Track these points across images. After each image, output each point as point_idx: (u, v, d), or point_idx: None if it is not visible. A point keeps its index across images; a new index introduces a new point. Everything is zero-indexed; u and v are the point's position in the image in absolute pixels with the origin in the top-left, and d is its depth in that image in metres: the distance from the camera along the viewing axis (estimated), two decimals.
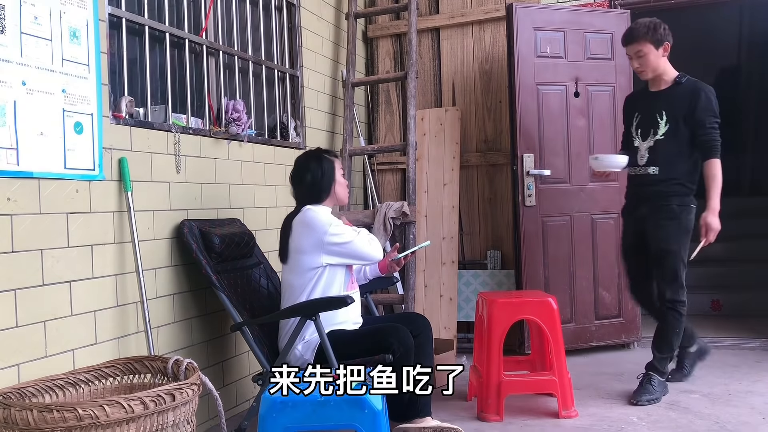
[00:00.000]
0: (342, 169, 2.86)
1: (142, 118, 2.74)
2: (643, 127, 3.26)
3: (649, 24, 3.18)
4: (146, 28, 2.77)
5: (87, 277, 2.35)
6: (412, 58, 4.12)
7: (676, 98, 3.18)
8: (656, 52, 3.19)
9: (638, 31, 3.18)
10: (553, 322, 3.00)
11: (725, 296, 5.12)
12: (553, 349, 2.99)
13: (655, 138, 3.19)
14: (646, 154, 3.23)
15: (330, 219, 2.65)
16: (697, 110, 3.10)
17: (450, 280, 4.19)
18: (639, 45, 3.18)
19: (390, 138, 4.71)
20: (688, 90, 3.17)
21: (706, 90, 3.15)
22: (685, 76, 3.23)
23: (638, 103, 3.37)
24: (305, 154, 2.86)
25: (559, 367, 2.98)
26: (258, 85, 3.61)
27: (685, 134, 3.14)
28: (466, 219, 4.52)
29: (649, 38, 3.16)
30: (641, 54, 3.19)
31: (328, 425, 2.01)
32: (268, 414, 2.02)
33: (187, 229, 2.72)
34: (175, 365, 2.18)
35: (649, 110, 3.24)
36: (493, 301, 3.04)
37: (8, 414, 1.76)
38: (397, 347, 2.45)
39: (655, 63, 3.21)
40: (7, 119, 2.06)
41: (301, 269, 2.63)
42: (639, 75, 3.30)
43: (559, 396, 2.97)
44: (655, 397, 3.11)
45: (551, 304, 3.02)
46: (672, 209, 3.15)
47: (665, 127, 3.17)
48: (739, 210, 6.28)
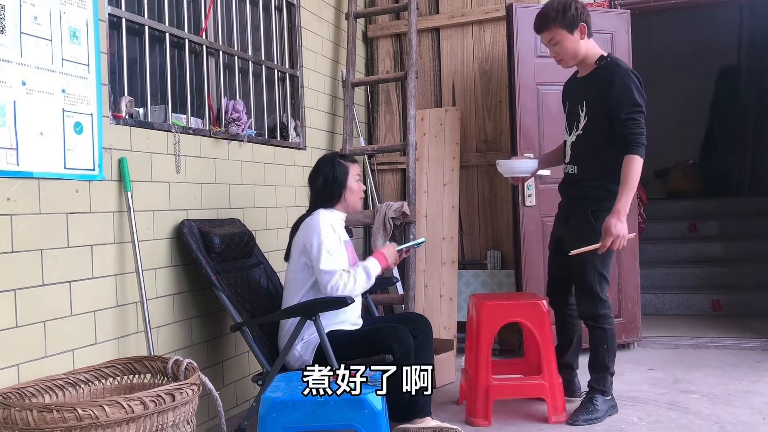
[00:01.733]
0: (358, 175, 2.82)
1: (142, 118, 2.74)
2: (569, 119, 2.97)
3: (557, 6, 2.80)
4: (146, 28, 2.77)
5: (87, 277, 2.35)
6: (412, 58, 4.12)
7: (594, 85, 2.82)
8: (571, 36, 2.81)
9: (546, 17, 2.82)
10: (543, 325, 2.92)
11: (725, 296, 5.11)
12: (543, 353, 2.91)
13: (576, 133, 2.89)
14: (569, 150, 2.95)
15: (328, 232, 2.62)
16: (611, 98, 2.72)
17: (450, 280, 4.19)
18: (550, 32, 2.83)
19: (390, 138, 4.71)
20: (603, 74, 2.79)
21: (620, 74, 2.74)
22: (605, 58, 2.85)
23: (568, 91, 3.05)
24: (321, 159, 2.87)
25: (549, 372, 2.91)
26: (258, 85, 3.61)
27: (605, 127, 2.78)
28: (466, 219, 4.52)
29: (559, 23, 2.79)
30: (555, 41, 2.84)
31: (328, 425, 2.01)
32: (268, 414, 2.02)
33: (186, 229, 2.72)
34: (175, 365, 2.18)
35: (574, 100, 2.93)
36: (482, 303, 2.98)
37: (8, 414, 1.76)
38: (397, 348, 2.45)
39: (573, 48, 2.83)
40: (7, 119, 2.06)
41: (300, 268, 2.65)
42: (559, 64, 2.96)
43: (549, 401, 2.91)
44: (596, 416, 2.88)
45: (541, 306, 2.94)
46: (585, 215, 2.85)
47: (584, 119, 2.84)
48: (739, 210, 6.30)
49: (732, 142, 7.43)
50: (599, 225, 2.77)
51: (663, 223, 6.17)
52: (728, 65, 7.53)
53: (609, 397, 2.98)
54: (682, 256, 5.80)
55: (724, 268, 5.48)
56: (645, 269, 4.93)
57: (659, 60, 7.27)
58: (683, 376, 3.56)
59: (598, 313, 2.92)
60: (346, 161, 2.81)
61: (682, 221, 6.21)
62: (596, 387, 2.96)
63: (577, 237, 2.88)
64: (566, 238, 2.97)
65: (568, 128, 2.97)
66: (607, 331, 2.93)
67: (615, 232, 2.67)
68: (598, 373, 2.97)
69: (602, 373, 2.96)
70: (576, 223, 2.93)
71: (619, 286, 4.09)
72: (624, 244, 2.72)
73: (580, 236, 2.86)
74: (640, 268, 4.21)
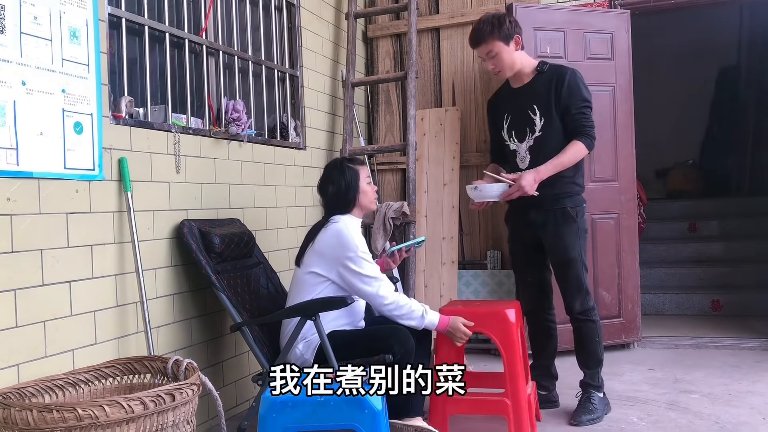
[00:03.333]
0: (368, 177, 2.79)
1: (142, 118, 2.74)
2: (516, 127, 3.00)
3: (493, 21, 2.91)
4: (146, 28, 2.77)
5: (87, 277, 2.35)
6: (412, 58, 4.12)
7: (542, 88, 2.93)
8: (508, 48, 2.92)
9: (483, 31, 2.91)
10: (507, 335, 2.62)
11: (725, 296, 5.11)
12: (507, 368, 2.62)
13: (534, 136, 2.93)
14: (527, 155, 2.96)
15: (360, 243, 2.58)
16: (563, 96, 2.87)
17: (450, 280, 4.19)
18: (488, 45, 2.91)
19: (390, 138, 4.71)
20: (550, 77, 2.93)
21: (568, 74, 2.90)
22: (546, 64, 2.98)
23: (504, 103, 3.09)
24: (328, 165, 2.82)
25: (514, 389, 2.60)
26: (258, 85, 3.61)
27: (561, 126, 2.91)
28: (466, 219, 4.52)
29: (496, 36, 2.89)
30: (493, 54, 2.92)
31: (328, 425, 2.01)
32: (268, 414, 2.02)
33: (186, 229, 2.72)
34: (175, 365, 2.18)
35: (519, 108, 2.98)
36: (442, 310, 2.72)
37: (8, 414, 1.76)
38: (398, 349, 2.44)
39: (510, 60, 2.95)
40: (7, 119, 2.06)
41: (311, 274, 2.61)
42: (497, 75, 3.05)
43: (511, 421, 2.58)
44: (597, 416, 2.88)
45: (506, 315, 2.64)
46: (567, 212, 2.92)
47: (541, 121, 2.91)
48: (739, 210, 6.30)
49: (732, 142, 7.43)
50: (579, 219, 2.93)
51: (663, 223, 6.17)
52: (728, 65, 7.53)
53: (602, 394, 2.99)
54: (682, 256, 5.81)
55: (724, 268, 5.48)
56: (645, 269, 4.94)
57: (659, 60, 7.27)
58: (683, 376, 3.56)
59: (589, 306, 2.96)
60: (354, 164, 2.76)
61: (682, 221, 6.21)
62: (591, 383, 2.97)
63: (563, 238, 2.93)
64: (550, 242, 2.97)
65: (516, 136, 3.00)
66: (597, 323, 2.97)
67: (527, 188, 2.79)
68: (592, 369, 2.98)
69: (596, 369, 2.98)
70: (560, 222, 2.94)
71: (619, 286, 4.09)
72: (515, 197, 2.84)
73: (566, 237, 2.93)
74: (640, 268, 4.22)
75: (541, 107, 2.92)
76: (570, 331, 3.05)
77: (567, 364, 3.28)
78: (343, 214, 2.70)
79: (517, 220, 3.09)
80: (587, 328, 2.96)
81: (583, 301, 2.95)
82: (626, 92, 4.16)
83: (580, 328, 2.98)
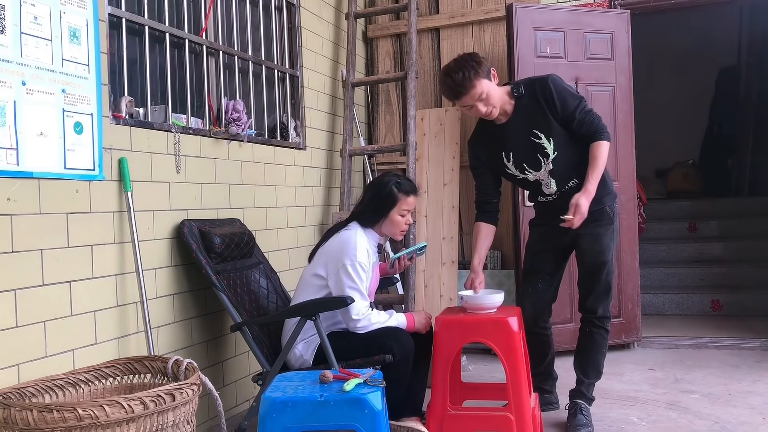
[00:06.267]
0: (407, 210, 2.67)
1: (142, 118, 2.74)
2: (527, 159, 2.79)
3: (469, 62, 2.68)
4: (146, 28, 2.77)
5: (87, 277, 2.35)
6: (412, 58, 4.12)
7: (533, 111, 2.75)
8: (492, 83, 2.72)
9: (466, 77, 2.65)
10: (510, 345, 2.47)
11: (725, 296, 5.11)
12: (509, 379, 2.46)
13: (552, 158, 2.75)
14: (550, 179, 2.79)
15: (360, 255, 2.55)
16: (559, 109, 2.71)
17: (450, 280, 4.19)
18: (476, 89, 2.66)
19: (390, 138, 4.72)
20: (534, 97, 2.74)
21: (550, 84, 2.72)
22: (517, 86, 2.79)
23: (497, 144, 2.85)
24: (384, 175, 2.75)
25: (518, 401, 2.44)
26: (258, 85, 3.61)
27: (568, 134, 2.75)
28: (466, 219, 4.52)
29: (481, 74, 2.66)
30: (483, 96, 2.68)
31: (328, 425, 2.01)
32: (268, 414, 2.01)
33: (187, 229, 2.72)
34: (175, 365, 2.18)
35: (520, 140, 2.78)
36: (439, 318, 2.57)
37: (8, 414, 1.76)
38: (398, 349, 2.45)
39: (498, 94, 2.74)
40: (7, 119, 2.06)
41: (316, 275, 2.63)
42: (490, 118, 2.77)
43: None
44: (591, 428, 2.78)
45: (509, 324, 2.48)
46: (606, 212, 2.81)
47: (550, 143, 2.75)
48: (739, 210, 6.30)
49: (732, 142, 7.43)
50: (616, 220, 2.84)
51: (663, 223, 6.17)
52: (728, 65, 7.53)
53: (591, 405, 2.90)
54: (682, 256, 5.81)
55: (724, 268, 5.48)
56: (645, 269, 4.94)
57: (659, 60, 7.28)
58: (683, 376, 3.56)
59: (609, 314, 2.87)
60: (400, 191, 2.64)
61: (682, 221, 6.21)
62: (586, 395, 2.88)
63: (600, 239, 2.80)
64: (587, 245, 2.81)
65: (531, 167, 2.80)
66: (608, 335, 2.88)
67: (584, 211, 2.62)
68: (590, 379, 2.89)
69: (594, 380, 2.90)
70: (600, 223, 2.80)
71: (619, 286, 4.09)
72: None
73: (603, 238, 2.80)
74: (640, 268, 4.21)
75: (543, 130, 2.74)
76: (571, 331, 3.01)
77: (567, 364, 3.28)
78: (364, 227, 2.69)
79: (553, 224, 2.83)
80: (599, 336, 2.85)
81: (606, 307, 2.84)
82: (626, 92, 4.16)
83: (591, 333, 2.86)
